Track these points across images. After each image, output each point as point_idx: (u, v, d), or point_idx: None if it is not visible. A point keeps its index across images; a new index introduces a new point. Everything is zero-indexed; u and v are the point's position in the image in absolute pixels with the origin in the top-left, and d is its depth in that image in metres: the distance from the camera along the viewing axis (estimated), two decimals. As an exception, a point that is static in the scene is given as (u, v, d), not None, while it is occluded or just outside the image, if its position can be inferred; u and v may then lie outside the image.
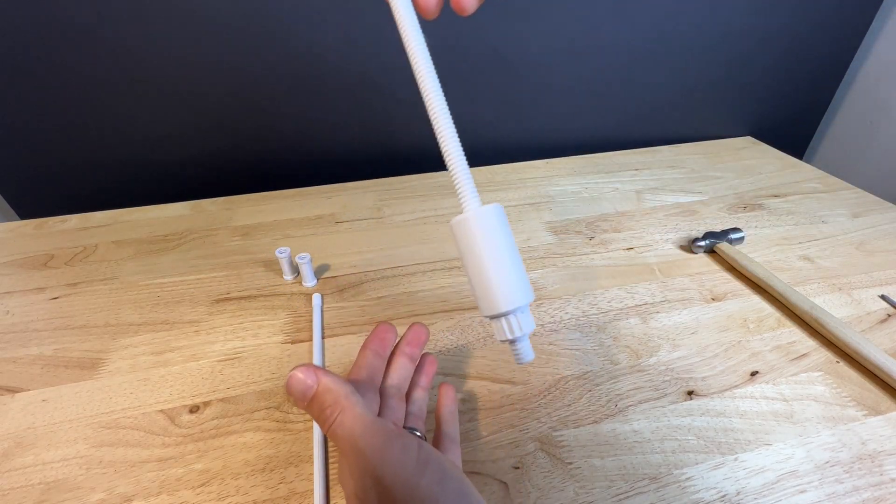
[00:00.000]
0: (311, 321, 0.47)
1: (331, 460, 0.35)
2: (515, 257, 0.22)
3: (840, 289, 0.51)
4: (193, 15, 0.60)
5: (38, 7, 0.56)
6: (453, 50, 0.69)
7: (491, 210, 0.22)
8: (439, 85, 0.22)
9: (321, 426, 0.24)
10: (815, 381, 0.41)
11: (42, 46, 0.59)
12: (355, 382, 0.28)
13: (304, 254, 0.50)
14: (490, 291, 0.22)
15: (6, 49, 0.58)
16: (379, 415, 0.28)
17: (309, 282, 0.52)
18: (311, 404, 0.24)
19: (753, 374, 0.42)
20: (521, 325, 0.22)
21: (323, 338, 0.45)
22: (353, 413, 0.24)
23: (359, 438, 0.23)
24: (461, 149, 0.22)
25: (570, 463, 0.35)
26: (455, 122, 0.23)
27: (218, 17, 0.60)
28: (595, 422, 0.38)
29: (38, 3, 0.56)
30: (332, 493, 0.32)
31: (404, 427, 0.29)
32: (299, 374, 0.24)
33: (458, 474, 0.24)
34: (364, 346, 0.32)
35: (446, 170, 0.23)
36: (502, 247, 0.22)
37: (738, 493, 0.33)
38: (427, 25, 0.23)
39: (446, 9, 0.22)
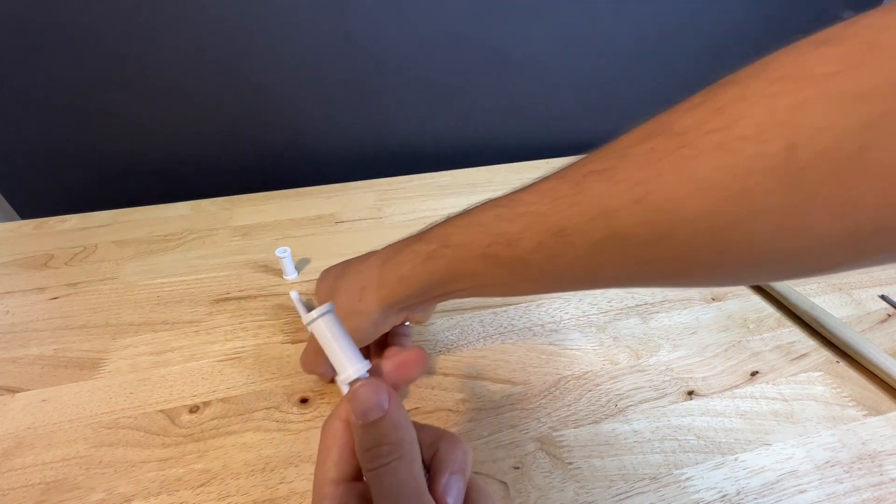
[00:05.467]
0: (311, 321, 0.47)
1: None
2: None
3: (840, 289, 0.51)
4: (193, 14, 0.60)
5: (38, 7, 0.56)
6: (453, 50, 0.69)
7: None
8: None
9: (366, 461, 0.20)
10: (815, 381, 0.41)
11: (42, 46, 0.59)
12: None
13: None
14: None
15: (6, 49, 0.58)
16: None
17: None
18: (367, 429, 0.20)
19: (753, 374, 0.42)
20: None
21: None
22: (411, 469, 0.20)
23: (399, 496, 0.19)
24: None
25: (570, 463, 0.35)
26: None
27: (218, 16, 0.60)
28: (595, 422, 0.38)
29: (38, 2, 0.55)
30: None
31: None
32: (364, 393, 0.21)
33: None
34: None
35: (446, 170, 0.24)
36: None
37: (738, 493, 0.33)
38: (428, 24, 0.24)
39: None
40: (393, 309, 0.32)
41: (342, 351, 0.22)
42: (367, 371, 0.23)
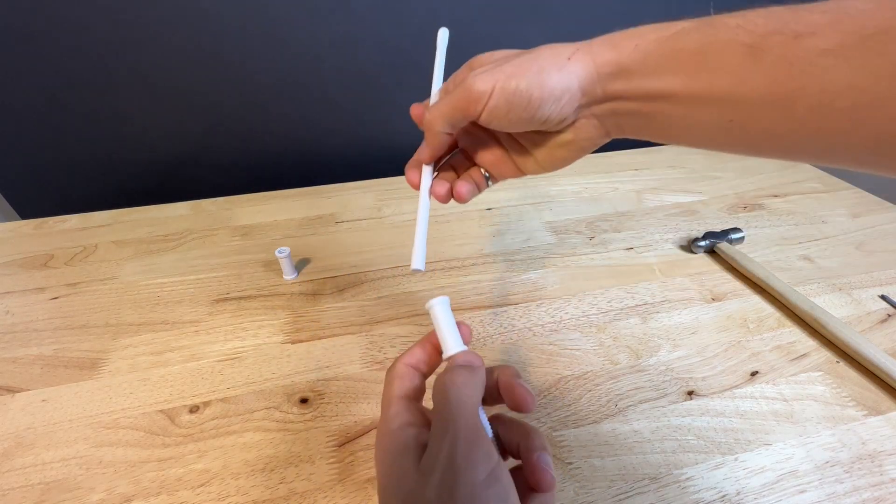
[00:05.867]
0: (311, 321, 0.47)
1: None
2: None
3: (840, 289, 0.51)
4: (193, 15, 0.60)
5: (38, 7, 0.56)
6: (453, 49, 0.69)
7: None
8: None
9: (445, 377, 0.23)
10: (815, 381, 0.41)
11: (42, 46, 0.59)
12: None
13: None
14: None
15: (6, 49, 0.58)
16: None
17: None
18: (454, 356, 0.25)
19: (753, 374, 0.42)
20: None
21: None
22: (473, 387, 0.23)
23: (459, 409, 0.21)
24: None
25: (570, 463, 0.35)
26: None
27: (218, 16, 0.60)
28: (595, 422, 0.38)
29: (39, 3, 0.56)
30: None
31: None
32: (464, 355, 0.26)
33: None
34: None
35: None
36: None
37: (738, 493, 0.33)
38: (427, 24, 0.24)
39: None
40: (597, 82, 0.25)
41: (449, 333, 0.27)
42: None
